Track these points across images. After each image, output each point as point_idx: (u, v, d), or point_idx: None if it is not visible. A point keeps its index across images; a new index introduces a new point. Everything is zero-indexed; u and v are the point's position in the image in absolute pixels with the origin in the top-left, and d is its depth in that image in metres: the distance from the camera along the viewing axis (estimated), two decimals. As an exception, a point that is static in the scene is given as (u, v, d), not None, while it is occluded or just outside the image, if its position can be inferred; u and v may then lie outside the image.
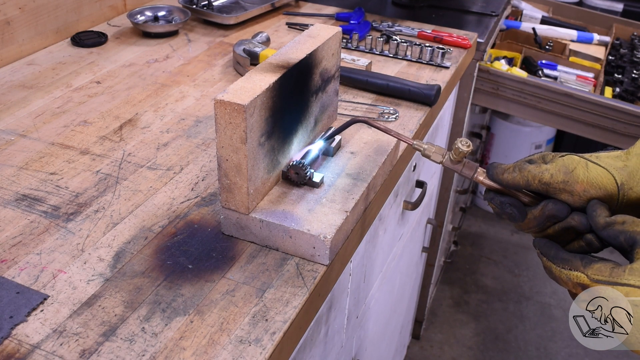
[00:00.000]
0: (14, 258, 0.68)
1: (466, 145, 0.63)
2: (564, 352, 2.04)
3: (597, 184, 0.57)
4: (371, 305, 1.14)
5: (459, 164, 0.65)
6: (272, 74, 0.67)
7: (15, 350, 0.57)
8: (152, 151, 0.88)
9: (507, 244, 2.53)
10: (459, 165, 0.65)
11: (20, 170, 0.82)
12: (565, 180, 0.58)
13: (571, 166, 0.58)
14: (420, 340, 2.06)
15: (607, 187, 0.57)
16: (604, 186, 0.57)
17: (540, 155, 0.63)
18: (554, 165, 0.59)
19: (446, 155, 0.66)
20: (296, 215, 0.69)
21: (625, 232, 0.54)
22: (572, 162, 0.58)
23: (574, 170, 0.58)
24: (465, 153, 0.63)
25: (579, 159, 0.59)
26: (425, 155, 0.67)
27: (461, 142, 0.63)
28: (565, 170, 0.58)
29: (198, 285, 0.64)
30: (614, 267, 0.52)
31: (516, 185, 0.60)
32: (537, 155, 0.63)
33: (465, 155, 0.64)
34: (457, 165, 0.65)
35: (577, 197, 0.58)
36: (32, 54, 1.16)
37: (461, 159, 0.64)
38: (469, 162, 0.65)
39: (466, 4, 1.59)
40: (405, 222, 1.27)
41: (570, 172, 0.58)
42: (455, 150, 0.64)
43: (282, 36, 1.30)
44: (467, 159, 0.65)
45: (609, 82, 1.72)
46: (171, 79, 1.10)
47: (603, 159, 0.59)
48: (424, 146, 0.67)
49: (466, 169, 0.65)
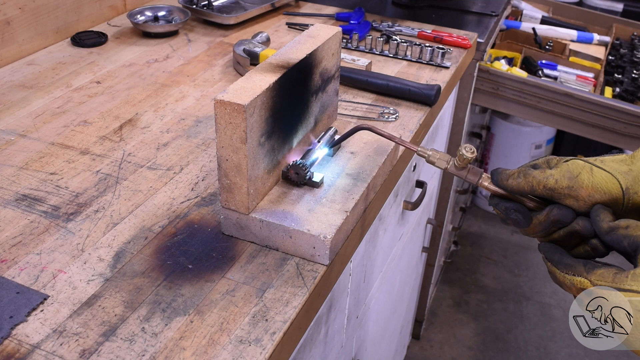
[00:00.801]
0: (14, 258, 0.68)
1: (470, 152, 0.63)
2: (564, 352, 2.04)
3: (601, 188, 0.57)
4: (371, 305, 1.14)
5: (463, 170, 0.65)
6: (272, 74, 0.67)
7: (15, 350, 0.57)
8: (152, 151, 0.88)
9: (507, 244, 2.53)
10: (463, 171, 0.65)
11: (20, 170, 0.82)
12: (570, 185, 0.58)
13: (575, 171, 0.58)
14: (420, 340, 2.06)
15: (612, 191, 0.57)
16: (609, 191, 0.57)
17: (545, 159, 0.63)
18: (558, 170, 0.59)
19: (451, 162, 0.66)
20: (296, 215, 0.69)
21: (628, 237, 0.53)
22: (577, 167, 0.58)
23: (578, 176, 0.58)
24: (470, 160, 0.64)
25: (583, 164, 0.59)
26: (429, 161, 0.68)
27: (465, 149, 0.63)
28: (569, 175, 0.58)
29: (198, 285, 0.64)
30: (617, 272, 0.52)
31: (521, 191, 0.60)
32: (542, 159, 0.63)
33: (469, 162, 0.64)
34: (462, 172, 0.65)
35: (582, 202, 0.58)
36: (32, 54, 1.16)
37: (465, 165, 0.65)
38: (474, 168, 0.65)
39: (466, 4, 1.59)
40: (405, 222, 1.27)
41: (575, 177, 0.58)
42: (460, 157, 0.64)
43: (282, 36, 1.30)
44: (471, 164, 0.65)
45: (609, 82, 1.72)
46: (171, 79, 1.10)
47: (608, 163, 0.59)
48: (428, 152, 0.68)
49: (471, 175, 0.65)
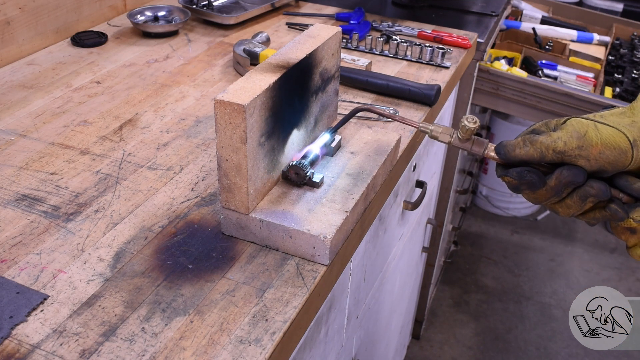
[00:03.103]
0: (14, 258, 0.68)
1: (472, 122, 0.62)
2: (564, 352, 2.04)
3: (610, 144, 0.56)
4: (371, 305, 1.14)
5: (467, 142, 0.64)
6: (272, 74, 0.67)
7: (15, 350, 0.57)
8: (152, 151, 0.88)
9: (507, 244, 2.53)
10: (467, 143, 0.64)
11: (20, 170, 0.82)
12: (579, 145, 0.56)
13: (582, 130, 0.57)
14: (420, 340, 2.06)
15: (620, 145, 0.56)
16: (618, 145, 0.56)
17: (543, 122, 0.62)
18: (564, 132, 0.58)
19: (454, 135, 0.65)
20: (296, 215, 0.69)
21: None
22: (582, 126, 0.57)
23: (585, 134, 0.57)
24: (473, 130, 0.62)
25: (587, 122, 0.57)
26: (432, 136, 0.66)
27: (467, 120, 0.62)
28: (577, 135, 0.57)
29: (198, 285, 0.64)
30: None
31: (530, 159, 0.59)
32: (539, 124, 0.62)
33: (473, 133, 0.63)
34: (466, 144, 0.64)
35: (593, 160, 0.57)
36: (32, 54, 1.16)
37: (469, 136, 0.63)
38: (478, 139, 0.64)
39: (466, 4, 1.59)
40: (405, 222, 1.27)
41: (583, 136, 0.57)
42: (462, 129, 0.63)
43: (282, 36, 1.30)
44: (475, 136, 0.64)
45: (609, 82, 1.72)
46: (171, 79, 1.10)
47: (609, 117, 0.58)
48: (430, 128, 0.66)
49: (476, 146, 0.64)
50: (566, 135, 0.57)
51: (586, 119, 0.58)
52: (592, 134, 0.56)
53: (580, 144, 0.56)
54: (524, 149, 0.59)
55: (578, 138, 0.57)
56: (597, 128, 0.57)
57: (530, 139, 0.59)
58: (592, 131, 0.56)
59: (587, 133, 0.56)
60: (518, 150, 0.59)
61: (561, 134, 0.57)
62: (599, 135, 0.56)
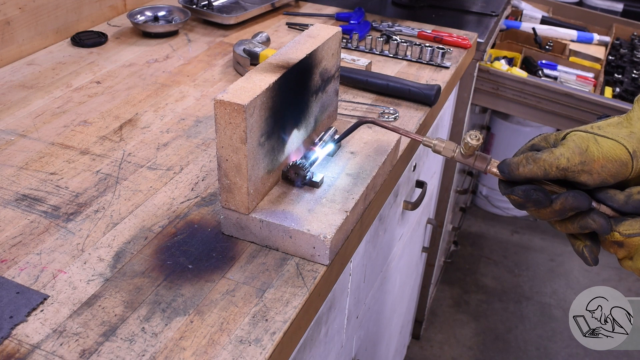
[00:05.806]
0: (14, 258, 0.68)
1: (476, 139, 0.62)
2: (564, 352, 2.04)
3: (611, 156, 0.56)
4: (371, 305, 1.14)
5: (470, 157, 0.64)
6: (272, 74, 0.67)
7: (15, 350, 0.57)
8: (152, 151, 0.88)
9: (507, 244, 2.53)
10: (470, 158, 0.64)
11: (20, 170, 0.82)
12: (582, 160, 0.57)
13: (583, 145, 0.57)
14: (420, 340, 2.06)
15: (621, 157, 0.56)
16: (619, 157, 0.56)
17: (542, 137, 0.62)
18: (566, 148, 0.58)
19: (457, 150, 0.65)
20: (296, 215, 0.69)
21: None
22: (583, 141, 0.57)
23: (587, 149, 0.57)
24: (476, 147, 0.63)
25: (587, 136, 0.58)
26: (435, 151, 0.67)
27: (470, 136, 0.62)
28: (579, 150, 0.57)
29: (198, 285, 0.64)
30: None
31: (534, 177, 0.59)
32: (537, 139, 0.62)
33: (475, 149, 0.63)
34: (469, 159, 0.64)
35: (595, 174, 0.57)
36: (32, 54, 1.16)
37: (472, 152, 0.64)
38: (481, 155, 0.64)
39: (466, 4, 1.59)
40: (405, 222, 1.27)
41: (585, 151, 0.57)
42: (465, 145, 0.63)
43: (282, 36, 1.30)
44: (477, 151, 0.64)
45: (609, 82, 1.72)
46: (171, 79, 1.10)
47: (607, 129, 0.58)
48: (434, 142, 0.67)
49: (478, 162, 0.64)
50: (568, 152, 0.57)
51: (585, 131, 0.58)
52: (593, 148, 0.57)
53: (582, 160, 0.57)
54: (527, 167, 0.59)
55: (580, 154, 0.57)
56: (598, 141, 0.57)
57: (533, 157, 0.59)
58: (593, 145, 0.57)
59: (589, 148, 0.57)
60: (522, 169, 0.59)
61: (563, 151, 0.58)
62: (600, 149, 0.57)
